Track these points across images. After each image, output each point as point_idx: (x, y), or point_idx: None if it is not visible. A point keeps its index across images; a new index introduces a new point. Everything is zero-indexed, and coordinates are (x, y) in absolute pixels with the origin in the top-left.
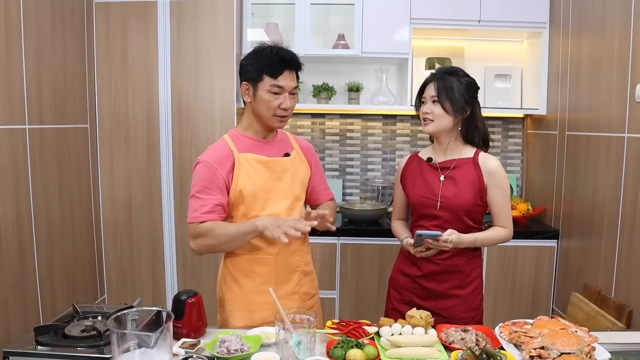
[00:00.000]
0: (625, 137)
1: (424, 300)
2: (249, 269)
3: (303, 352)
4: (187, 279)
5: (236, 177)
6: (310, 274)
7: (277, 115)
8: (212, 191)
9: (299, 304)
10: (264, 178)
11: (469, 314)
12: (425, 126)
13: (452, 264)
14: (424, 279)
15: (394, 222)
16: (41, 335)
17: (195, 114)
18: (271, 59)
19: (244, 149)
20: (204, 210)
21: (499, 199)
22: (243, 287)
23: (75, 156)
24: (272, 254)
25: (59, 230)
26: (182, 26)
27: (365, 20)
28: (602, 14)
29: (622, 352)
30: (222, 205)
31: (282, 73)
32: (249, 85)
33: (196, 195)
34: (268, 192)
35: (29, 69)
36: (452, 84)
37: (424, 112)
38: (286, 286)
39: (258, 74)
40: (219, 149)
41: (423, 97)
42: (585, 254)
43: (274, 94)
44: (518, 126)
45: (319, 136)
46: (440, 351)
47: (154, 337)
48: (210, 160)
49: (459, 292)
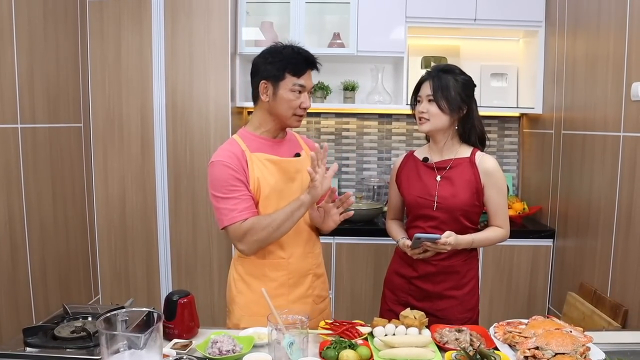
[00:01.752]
0: (620, 136)
1: (419, 301)
2: (261, 272)
3: (295, 353)
4: (182, 279)
5: (252, 176)
6: (322, 276)
7: (297, 115)
8: (238, 187)
9: (312, 307)
10: (276, 178)
11: (465, 314)
12: (421, 125)
13: (449, 265)
14: (420, 280)
15: (389, 222)
16: (30, 336)
17: (189, 113)
18: (294, 58)
19: (256, 149)
20: (240, 208)
21: (496, 199)
22: (255, 292)
23: (69, 156)
24: (284, 258)
25: (52, 231)
26: (177, 25)
27: (360, 19)
28: (598, 12)
29: (617, 352)
30: (253, 198)
31: (305, 72)
32: (267, 84)
33: (224, 197)
34: (281, 192)
35: (21, 68)
36: (447, 82)
37: (420, 112)
38: (299, 289)
39: (280, 73)
40: (230, 149)
41: (419, 95)
42: (581, 254)
43: (296, 92)
44: (514, 125)
45: (314, 135)
46: (434, 351)
47: (143, 338)
48: (225, 159)
49: (455, 293)
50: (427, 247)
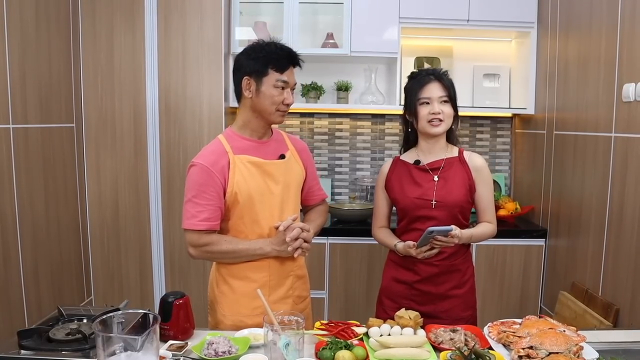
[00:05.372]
0: (612, 136)
1: (422, 305)
2: (242, 274)
3: (291, 354)
4: (176, 280)
5: (232, 180)
6: (303, 277)
7: (280, 111)
8: (208, 195)
9: (292, 307)
10: (258, 181)
11: (467, 312)
12: (436, 127)
13: (451, 264)
14: (422, 283)
15: (378, 230)
16: (25, 339)
17: (183, 113)
18: (277, 54)
19: (239, 151)
20: (201, 217)
21: (486, 194)
22: (236, 292)
23: (61, 156)
24: (265, 259)
25: (44, 232)
26: (170, 24)
27: (354, 19)
28: (590, 14)
29: (609, 350)
30: (220, 210)
31: (288, 68)
32: (250, 80)
33: (192, 200)
34: (263, 194)
35: (13, 67)
36: (452, 82)
37: (434, 114)
38: (279, 290)
39: (263, 68)
40: (213, 150)
41: (427, 97)
42: (572, 253)
43: (279, 88)
44: (506, 125)
45: (307, 135)
46: (429, 351)
47: (140, 340)
48: (205, 163)
49: (457, 292)
50: (434, 244)
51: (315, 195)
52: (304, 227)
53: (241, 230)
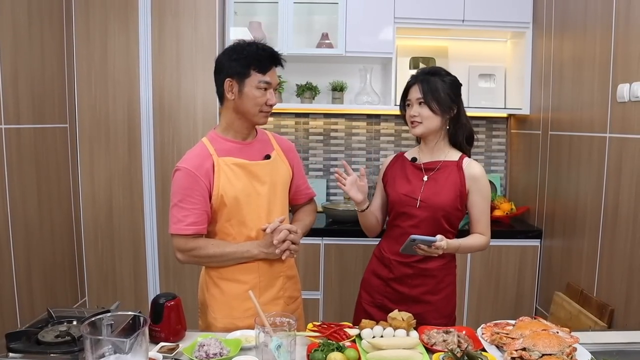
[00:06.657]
0: (607, 137)
1: (395, 304)
2: (232, 276)
3: (283, 356)
4: (170, 281)
5: (217, 182)
6: (294, 277)
7: (263, 112)
8: (194, 199)
9: (283, 308)
10: (244, 182)
11: (440, 320)
12: (414, 129)
13: (425, 268)
14: (395, 282)
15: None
16: (13, 341)
17: (177, 113)
18: (259, 55)
19: (224, 153)
20: (188, 222)
21: (479, 204)
22: (226, 294)
23: (54, 157)
24: (255, 261)
25: (37, 233)
26: (164, 24)
27: (349, 20)
28: (584, 14)
29: (603, 352)
30: (207, 213)
31: (271, 69)
32: (233, 82)
33: (178, 205)
34: (249, 196)
35: (5, 67)
36: (436, 84)
37: (412, 115)
38: (270, 292)
39: (245, 70)
40: (198, 154)
41: (408, 99)
42: (568, 254)
43: (262, 89)
44: (502, 126)
45: (302, 136)
46: (422, 353)
47: (128, 342)
48: (190, 167)
49: (430, 298)
50: (419, 251)
51: (303, 194)
52: (291, 228)
53: (229, 232)
